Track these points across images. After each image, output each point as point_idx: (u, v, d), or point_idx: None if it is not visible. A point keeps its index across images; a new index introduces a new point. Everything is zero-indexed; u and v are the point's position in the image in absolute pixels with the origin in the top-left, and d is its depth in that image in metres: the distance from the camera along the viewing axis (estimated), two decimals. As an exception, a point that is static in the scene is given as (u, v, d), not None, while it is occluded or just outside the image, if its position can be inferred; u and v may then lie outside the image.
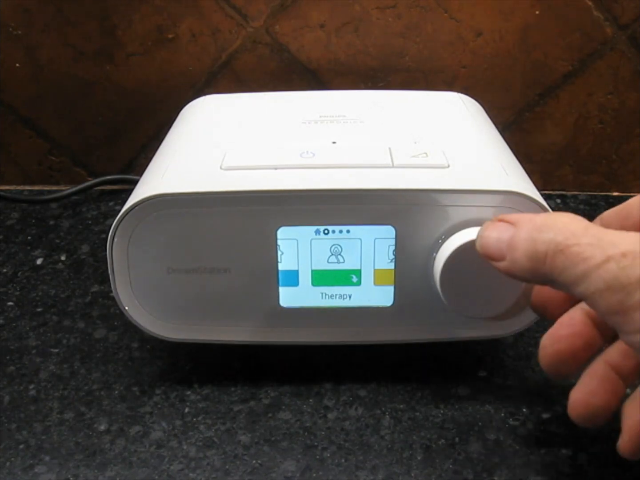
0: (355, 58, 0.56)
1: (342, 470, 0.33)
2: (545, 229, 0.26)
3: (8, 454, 0.34)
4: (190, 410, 0.36)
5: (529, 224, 0.27)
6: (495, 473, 0.32)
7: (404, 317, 0.36)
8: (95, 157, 0.61)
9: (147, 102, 0.58)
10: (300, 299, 0.36)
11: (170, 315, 0.36)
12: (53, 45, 0.55)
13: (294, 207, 0.34)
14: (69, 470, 0.33)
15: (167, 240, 0.34)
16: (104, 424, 0.35)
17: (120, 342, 0.41)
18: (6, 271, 0.49)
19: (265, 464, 0.33)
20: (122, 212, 0.34)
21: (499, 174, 0.35)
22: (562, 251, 0.25)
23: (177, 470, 0.33)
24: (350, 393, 0.37)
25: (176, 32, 0.55)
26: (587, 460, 0.33)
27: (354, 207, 0.34)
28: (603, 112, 0.57)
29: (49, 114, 0.58)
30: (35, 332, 0.42)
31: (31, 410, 0.36)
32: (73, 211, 0.57)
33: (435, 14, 0.54)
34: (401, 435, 0.35)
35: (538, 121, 0.58)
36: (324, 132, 0.40)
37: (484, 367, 0.39)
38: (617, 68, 0.55)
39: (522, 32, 0.54)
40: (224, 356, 0.40)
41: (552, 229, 0.26)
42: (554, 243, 0.25)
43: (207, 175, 0.35)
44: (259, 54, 0.56)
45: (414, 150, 0.36)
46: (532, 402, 0.36)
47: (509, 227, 0.28)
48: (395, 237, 0.34)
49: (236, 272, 0.35)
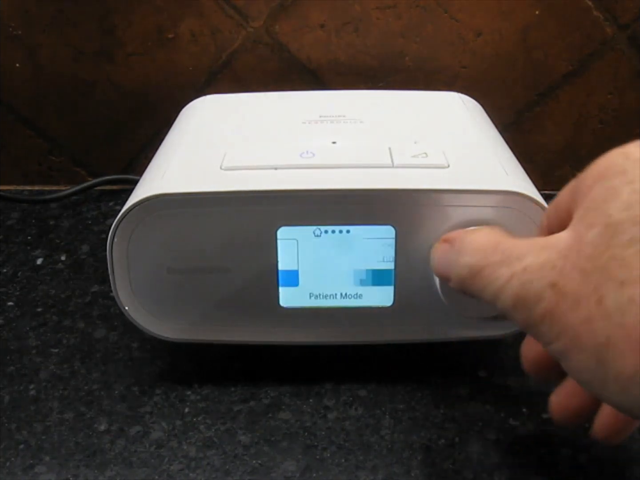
0: (355, 58, 0.56)
1: (342, 470, 0.33)
2: (463, 252, 0.27)
3: (8, 454, 0.34)
4: (190, 410, 0.36)
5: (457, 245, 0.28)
6: (495, 473, 0.32)
7: (404, 317, 0.36)
8: (95, 157, 0.61)
9: (147, 102, 0.58)
10: (300, 299, 0.36)
11: (170, 315, 0.36)
12: (53, 45, 0.55)
13: (294, 207, 0.34)
14: (69, 470, 0.33)
15: (167, 240, 0.34)
16: (104, 424, 0.35)
17: (120, 342, 0.41)
18: (6, 271, 0.49)
19: (265, 464, 0.33)
20: (122, 212, 0.34)
21: (499, 174, 0.35)
22: (478, 273, 0.26)
23: (177, 470, 0.33)
24: (350, 393, 0.37)
25: (176, 32, 0.55)
26: (587, 460, 0.33)
27: (354, 207, 0.34)
28: (603, 112, 0.57)
29: (49, 114, 0.58)
30: (35, 332, 0.42)
31: (31, 410, 0.36)
32: (73, 211, 0.57)
33: (435, 14, 0.54)
34: (401, 435, 0.35)
35: (538, 121, 0.58)
36: (324, 132, 0.40)
37: (484, 367, 0.39)
38: (617, 68, 0.55)
39: (522, 32, 0.54)
40: (224, 356, 0.40)
41: (467, 252, 0.27)
42: (468, 267, 0.26)
43: (207, 175, 0.35)
44: (259, 54, 0.56)
45: (414, 150, 0.36)
46: (532, 402, 0.36)
47: (448, 248, 0.29)
48: (395, 237, 0.34)
49: (236, 272, 0.35)
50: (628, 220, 0.21)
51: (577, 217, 0.23)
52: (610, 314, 0.20)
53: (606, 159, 0.23)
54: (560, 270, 0.22)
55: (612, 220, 0.21)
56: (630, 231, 0.21)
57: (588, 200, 0.23)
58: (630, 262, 0.20)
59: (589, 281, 0.21)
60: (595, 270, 0.21)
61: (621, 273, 0.20)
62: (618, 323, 0.20)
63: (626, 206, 0.21)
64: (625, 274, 0.20)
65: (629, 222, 0.21)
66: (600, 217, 0.22)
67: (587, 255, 0.22)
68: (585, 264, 0.21)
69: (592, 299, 0.21)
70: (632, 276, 0.20)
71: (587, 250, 0.22)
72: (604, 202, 0.22)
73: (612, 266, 0.21)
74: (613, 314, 0.20)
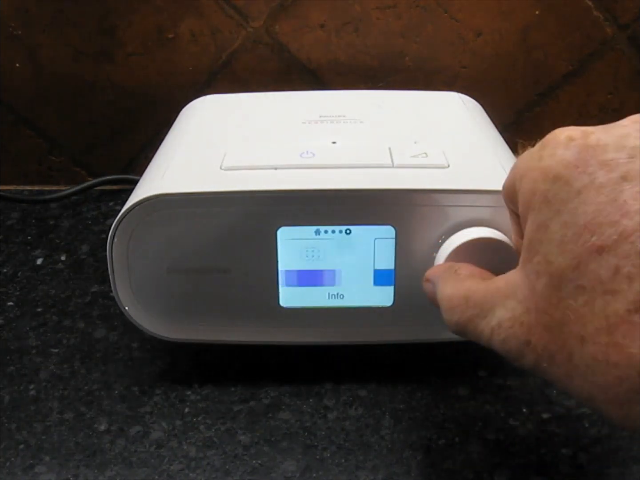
0: (355, 58, 0.56)
1: (342, 470, 0.33)
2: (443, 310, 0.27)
3: (8, 454, 0.34)
4: (190, 410, 0.36)
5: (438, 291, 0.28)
6: (495, 473, 0.32)
7: (404, 317, 0.36)
8: (95, 157, 0.61)
9: (147, 102, 0.58)
10: (300, 299, 0.36)
11: (170, 315, 0.36)
12: (53, 45, 0.55)
13: (294, 207, 0.34)
14: (69, 470, 0.33)
15: (167, 240, 0.34)
16: (104, 424, 0.35)
17: (120, 342, 0.41)
18: (6, 271, 0.49)
19: (265, 464, 0.33)
20: (122, 212, 0.34)
21: (499, 174, 0.35)
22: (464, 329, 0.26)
23: (177, 470, 0.33)
24: (350, 393, 0.37)
25: (176, 32, 0.55)
26: (587, 460, 0.33)
27: (354, 207, 0.34)
28: (603, 112, 0.57)
29: (49, 114, 0.58)
30: (35, 332, 0.42)
31: (31, 410, 0.36)
32: (73, 211, 0.57)
33: (435, 14, 0.54)
34: (401, 435, 0.35)
35: (538, 121, 0.58)
36: (324, 132, 0.40)
37: (484, 367, 0.39)
38: (617, 68, 0.55)
39: (522, 32, 0.54)
40: (224, 356, 0.40)
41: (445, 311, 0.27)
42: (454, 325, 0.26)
43: (207, 175, 0.35)
44: (259, 54, 0.56)
45: (414, 150, 0.36)
46: (532, 402, 0.36)
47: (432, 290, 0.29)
48: (395, 237, 0.34)
49: (236, 272, 0.35)
50: (567, 267, 0.20)
51: (523, 258, 0.23)
52: (582, 372, 0.20)
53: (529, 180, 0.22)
54: (528, 328, 0.22)
55: (553, 268, 0.21)
56: (573, 278, 0.20)
57: (527, 236, 0.22)
58: (583, 314, 0.20)
59: (556, 337, 0.21)
60: (556, 325, 0.21)
61: (579, 328, 0.20)
62: (592, 382, 0.20)
63: (561, 249, 0.20)
64: (582, 329, 0.20)
65: (568, 268, 0.20)
66: (542, 264, 0.21)
67: (544, 309, 0.21)
68: (545, 319, 0.21)
69: (563, 356, 0.21)
70: (589, 332, 0.19)
71: (542, 304, 0.21)
72: (540, 244, 0.21)
73: (569, 320, 0.20)
74: (585, 372, 0.20)
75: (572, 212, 0.20)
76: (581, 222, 0.20)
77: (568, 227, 0.20)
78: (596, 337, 0.19)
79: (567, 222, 0.20)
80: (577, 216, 0.20)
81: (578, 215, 0.20)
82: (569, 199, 0.21)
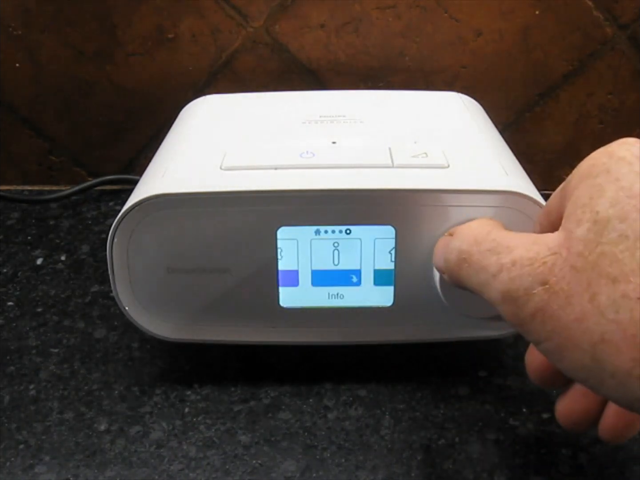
0: (355, 58, 0.56)
1: (342, 470, 0.33)
2: (455, 236, 0.27)
3: (8, 454, 0.34)
4: (190, 410, 0.36)
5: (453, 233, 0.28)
6: (495, 473, 0.32)
7: (404, 317, 0.36)
8: (95, 157, 0.61)
9: (147, 102, 0.58)
10: (300, 299, 0.36)
11: (170, 315, 0.36)
12: (53, 45, 0.55)
13: (294, 207, 0.34)
14: (69, 470, 0.33)
15: (167, 240, 0.34)
16: (104, 424, 0.35)
17: (120, 342, 0.41)
18: (6, 271, 0.49)
19: (265, 464, 0.33)
20: (122, 212, 0.34)
21: (499, 174, 0.35)
22: (465, 259, 0.26)
23: (177, 470, 0.33)
24: (350, 393, 0.37)
25: (176, 32, 0.55)
26: (587, 460, 0.33)
27: (354, 207, 0.34)
28: (603, 112, 0.57)
29: (49, 114, 0.58)
30: (35, 332, 0.42)
31: (31, 410, 0.36)
32: (73, 211, 0.57)
33: (435, 14, 0.54)
34: (401, 435, 0.35)
35: (538, 121, 0.58)
36: (324, 132, 0.40)
37: (484, 367, 0.39)
38: (617, 68, 0.55)
39: (522, 32, 0.54)
40: (224, 356, 0.40)
41: (459, 236, 0.27)
42: (458, 251, 0.27)
43: (207, 175, 0.35)
44: (259, 54, 0.56)
45: (414, 150, 0.36)
46: (532, 402, 0.36)
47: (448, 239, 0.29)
48: (395, 237, 0.34)
49: (236, 272, 0.35)
50: (615, 217, 0.21)
51: (565, 216, 0.23)
52: (603, 310, 0.20)
53: (590, 159, 0.24)
54: (550, 268, 0.22)
55: (599, 217, 0.21)
56: (619, 227, 0.21)
57: (575, 198, 0.23)
58: (621, 258, 0.20)
59: (581, 278, 0.21)
60: (587, 267, 0.21)
61: (613, 270, 0.20)
62: (612, 319, 0.20)
63: (612, 203, 0.21)
64: (617, 270, 0.20)
65: (616, 219, 0.21)
66: (587, 213, 0.22)
67: (578, 252, 0.22)
68: (576, 261, 0.21)
69: (584, 297, 0.21)
70: (624, 272, 0.20)
71: (577, 247, 0.22)
72: (590, 200, 0.22)
73: (603, 263, 0.21)
74: (606, 311, 0.20)
75: (631, 181, 0.21)
76: (637, 191, 0.21)
77: (624, 190, 0.21)
78: (631, 276, 0.20)
79: (624, 187, 0.21)
80: (635, 185, 0.21)
81: (635, 186, 0.21)
82: (629, 172, 0.22)
